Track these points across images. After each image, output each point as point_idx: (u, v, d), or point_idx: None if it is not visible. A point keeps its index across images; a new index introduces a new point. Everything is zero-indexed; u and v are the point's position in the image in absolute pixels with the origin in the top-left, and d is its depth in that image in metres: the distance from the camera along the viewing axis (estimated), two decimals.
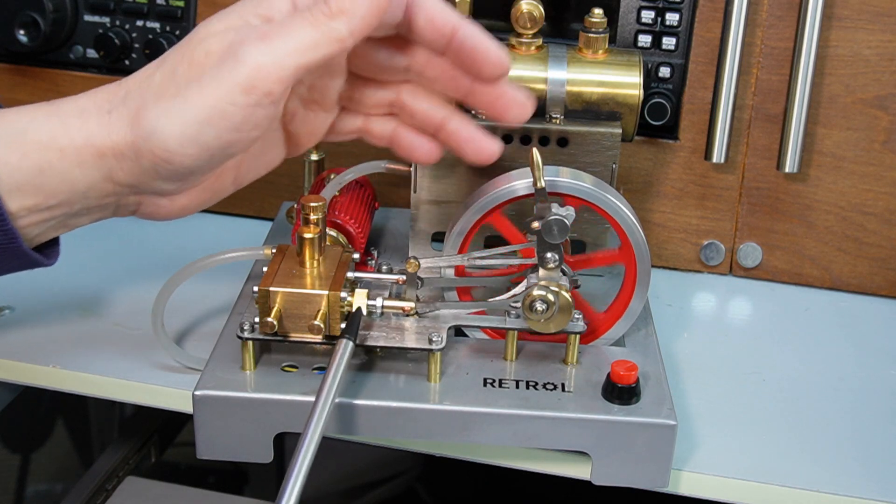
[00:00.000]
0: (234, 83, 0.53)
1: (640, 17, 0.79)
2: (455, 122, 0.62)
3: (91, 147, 0.55)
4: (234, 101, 0.53)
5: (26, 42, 0.84)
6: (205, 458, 0.60)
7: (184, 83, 0.54)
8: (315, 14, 0.54)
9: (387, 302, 0.60)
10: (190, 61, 0.54)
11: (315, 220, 0.61)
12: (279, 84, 0.53)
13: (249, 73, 0.53)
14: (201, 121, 0.53)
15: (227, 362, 0.61)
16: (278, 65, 0.53)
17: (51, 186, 0.56)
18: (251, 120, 0.54)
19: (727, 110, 0.77)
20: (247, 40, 0.53)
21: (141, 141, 0.54)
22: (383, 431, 0.59)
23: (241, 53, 0.53)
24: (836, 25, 0.77)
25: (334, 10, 0.54)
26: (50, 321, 0.72)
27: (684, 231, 0.83)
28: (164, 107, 0.54)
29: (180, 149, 0.54)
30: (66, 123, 0.56)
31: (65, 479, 1.06)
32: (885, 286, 0.82)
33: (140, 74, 0.57)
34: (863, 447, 0.64)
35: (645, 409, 0.58)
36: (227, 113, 0.53)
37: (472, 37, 0.58)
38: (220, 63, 0.53)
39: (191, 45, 0.55)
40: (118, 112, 0.55)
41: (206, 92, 0.53)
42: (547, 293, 0.59)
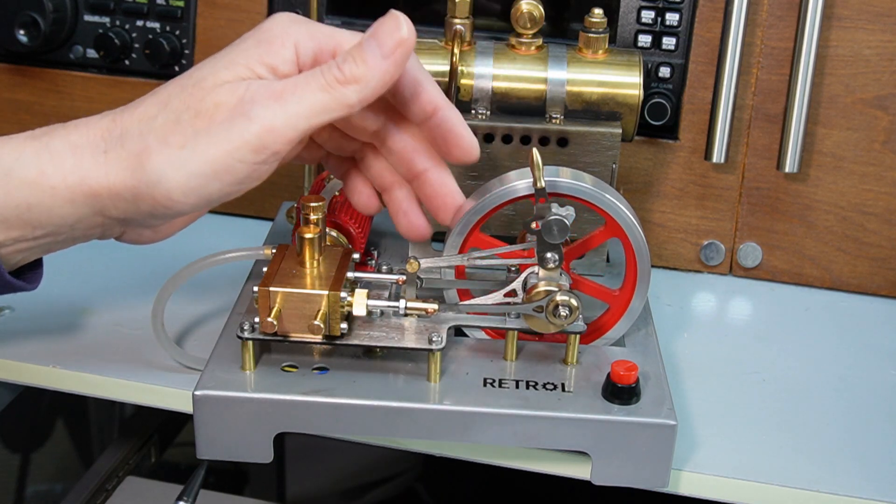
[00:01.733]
0: (244, 142, 0.53)
1: (640, 17, 0.79)
2: (400, 193, 0.63)
3: (85, 186, 0.55)
4: (242, 158, 0.53)
5: (26, 42, 0.84)
6: (205, 458, 0.60)
7: (191, 133, 0.54)
8: (328, 78, 0.54)
9: (410, 304, 0.60)
10: (197, 111, 0.54)
11: (315, 220, 0.61)
12: (287, 144, 0.54)
13: (260, 134, 0.53)
14: (208, 174, 0.53)
15: (227, 362, 0.60)
16: (289, 126, 0.53)
17: (38, 220, 0.56)
18: (255, 175, 0.55)
19: (727, 110, 0.77)
20: (259, 99, 0.53)
21: (143, 187, 0.54)
22: (383, 431, 0.59)
23: (254, 113, 0.53)
24: (836, 25, 0.77)
25: (347, 77, 0.54)
26: (50, 321, 0.72)
27: (684, 231, 0.83)
28: (170, 156, 0.54)
29: (183, 198, 0.54)
30: (56, 161, 0.55)
31: (65, 479, 1.05)
32: (885, 286, 0.82)
33: (137, 113, 0.56)
34: (862, 447, 0.64)
35: (645, 409, 0.58)
36: (233, 169, 0.54)
37: (450, 120, 0.59)
38: (230, 119, 0.53)
39: (197, 93, 0.54)
40: (116, 153, 0.55)
41: (216, 147, 0.53)
42: (570, 298, 0.59)
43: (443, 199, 0.62)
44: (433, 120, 0.59)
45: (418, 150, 0.61)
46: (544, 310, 0.59)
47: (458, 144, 0.60)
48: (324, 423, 0.58)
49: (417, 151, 0.61)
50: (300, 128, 0.54)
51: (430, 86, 0.59)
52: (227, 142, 0.53)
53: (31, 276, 0.61)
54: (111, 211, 0.56)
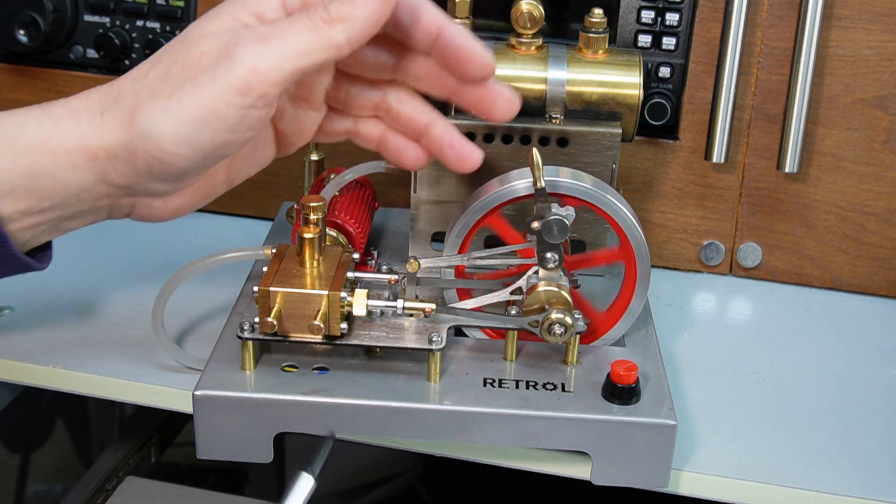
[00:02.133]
0: (229, 84, 0.53)
1: (640, 17, 0.79)
2: (438, 127, 0.62)
3: (83, 148, 0.55)
4: (229, 102, 0.53)
5: (26, 42, 0.84)
6: (205, 458, 0.60)
7: (178, 83, 0.54)
8: (314, 19, 0.54)
9: (408, 304, 0.60)
10: (184, 62, 0.54)
11: (315, 220, 0.61)
12: (274, 87, 0.53)
13: (245, 75, 0.52)
14: (196, 121, 0.53)
15: (227, 362, 0.61)
16: (274, 67, 0.53)
17: (43, 189, 0.56)
18: (245, 121, 0.54)
19: (727, 110, 0.77)
20: (243, 41, 0.53)
21: (136, 141, 0.54)
22: (383, 431, 0.59)
23: (237, 55, 0.53)
24: (836, 25, 0.77)
25: (333, 16, 0.54)
26: (50, 321, 0.72)
27: (684, 231, 0.83)
28: (159, 107, 0.54)
29: (175, 149, 0.54)
30: (57, 125, 0.55)
31: (65, 479, 1.05)
32: (885, 286, 0.82)
33: (132, 74, 0.57)
34: (862, 447, 0.64)
35: (645, 409, 0.58)
36: (221, 114, 0.53)
37: (457, 37, 0.58)
38: (215, 64, 0.53)
39: (185, 46, 0.55)
40: (111, 113, 0.55)
41: (201, 93, 0.53)
42: (565, 316, 0.59)
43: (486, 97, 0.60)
44: (440, 42, 0.58)
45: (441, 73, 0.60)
46: (539, 326, 0.59)
47: (471, 59, 0.58)
48: (324, 423, 0.58)
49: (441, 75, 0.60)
50: (286, 69, 0.53)
51: (428, 8, 0.58)
52: (212, 85, 0.53)
53: (41, 257, 0.60)
54: (112, 175, 0.56)
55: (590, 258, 0.65)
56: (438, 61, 0.59)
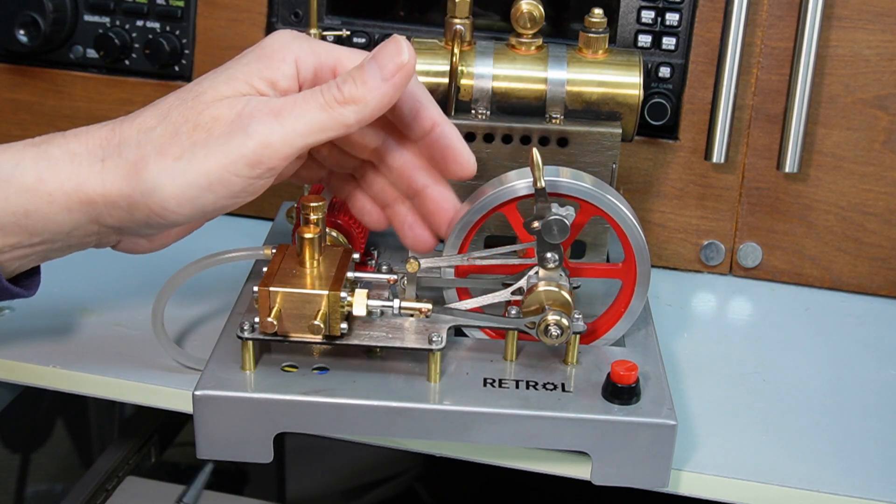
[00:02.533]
0: (241, 156, 0.54)
1: (640, 17, 0.79)
2: (402, 207, 0.64)
3: (81, 193, 0.55)
4: (238, 172, 0.54)
5: (26, 42, 0.84)
6: (205, 458, 0.60)
7: (188, 145, 0.54)
8: (327, 98, 0.55)
9: (405, 303, 0.60)
10: (196, 123, 0.54)
11: (315, 220, 0.61)
12: (283, 161, 0.54)
13: (257, 149, 0.54)
14: (203, 186, 0.54)
15: (227, 362, 0.60)
16: (286, 143, 0.54)
17: (35, 227, 0.56)
18: (250, 189, 0.55)
19: (727, 110, 0.77)
20: (257, 115, 0.54)
21: (138, 195, 0.54)
22: (383, 431, 0.59)
23: (251, 129, 0.54)
24: (836, 25, 0.77)
25: (347, 97, 0.55)
26: (50, 321, 0.72)
27: (684, 231, 0.83)
28: (167, 166, 0.54)
29: (177, 208, 0.55)
30: (54, 168, 0.55)
31: (65, 479, 1.06)
32: (885, 286, 0.82)
33: (136, 123, 0.56)
34: (863, 447, 0.64)
35: (645, 409, 0.58)
36: (228, 182, 0.54)
37: (449, 136, 0.60)
38: (228, 133, 0.54)
39: (197, 106, 0.55)
40: (113, 161, 0.55)
41: (211, 160, 0.54)
42: (561, 318, 0.59)
43: (444, 213, 0.62)
44: (431, 136, 0.60)
45: (418, 166, 0.62)
46: (536, 327, 0.60)
47: (456, 160, 0.61)
48: (324, 423, 0.58)
49: (417, 168, 0.62)
50: (297, 145, 0.54)
51: (428, 103, 0.60)
52: (224, 155, 0.54)
53: (29, 284, 0.61)
54: (106, 219, 0.56)
55: (591, 269, 0.65)
56: (423, 152, 0.62)
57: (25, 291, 0.60)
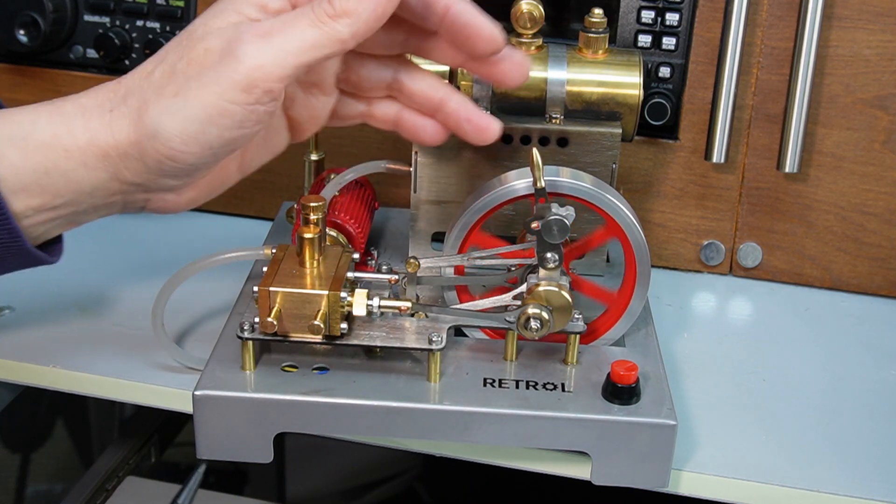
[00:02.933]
0: (233, 82, 0.53)
1: (640, 17, 0.79)
2: (454, 101, 0.62)
3: (95, 147, 0.55)
4: (234, 99, 0.53)
5: (26, 42, 0.84)
6: (205, 458, 0.60)
7: (183, 81, 0.54)
8: (317, 13, 0.53)
9: (383, 301, 0.60)
10: (189, 59, 0.54)
11: (315, 220, 0.61)
12: (279, 82, 0.53)
13: (249, 73, 0.53)
14: (202, 119, 0.53)
15: (227, 362, 0.61)
16: (278, 64, 0.53)
17: (56, 186, 0.56)
18: (252, 117, 0.54)
19: (727, 110, 0.77)
20: (246, 38, 0.53)
21: (145, 139, 0.54)
22: (383, 431, 0.59)
23: (241, 52, 0.53)
24: (836, 25, 0.77)
25: (338, 10, 0.53)
26: (50, 321, 0.72)
27: (684, 231, 0.83)
28: (165, 105, 0.54)
29: (184, 147, 0.54)
30: (68, 123, 0.55)
31: (65, 479, 1.06)
32: (885, 286, 0.82)
33: (139, 71, 0.57)
34: (863, 447, 0.64)
35: (645, 409, 0.58)
36: (227, 111, 0.53)
37: (465, 14, 0.57)
38: (219, 61, 0.53)
39: (189, 42, 0.55)
40: (119, 111, 0.55)
41: (206, 91, 0.53)
42: (542, 311, 0.59)
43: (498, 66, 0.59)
44: (448, 19, 0.58)
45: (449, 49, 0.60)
46: (516, 322, 0.59)
47: (479, 35, 0.58)
48: (324, 423, 0.58)
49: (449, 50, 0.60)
50: (290, 64, 0.53)
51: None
52: (217, 83, 0.53)
53: (52, 251, 0.60)
54: (124, 173, 0.56)
55: (585, 243, 0.65)
56: (447, 38, 0.59)
57: (49, 257, 0.59)
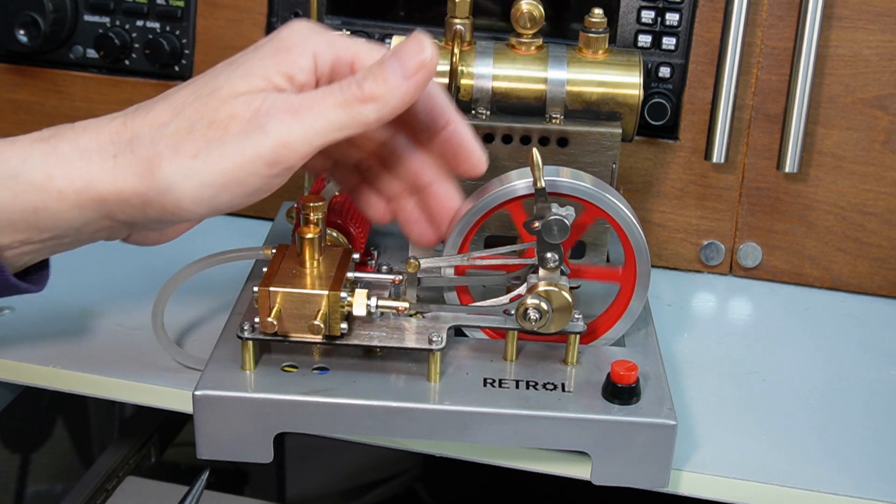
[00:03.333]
0: (258, 155, 0.53)
1: (640, 17, 0.79)
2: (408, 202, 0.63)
3: (92, 191, 0.54)
4: (255, 171, 0.53)
5: (26, 42, 0.84)
6: (205, 458, 0.60)
7: (203, 144, 0.53)
8: (346, 95, 0.54)
9: (381, 302, 0.60)
10: (211, 120, 0.53)
11: (315, 220, 0.61)
12: (302, 159, 0.54)
13: (275, 148, 0.53)
14: (219, 185, 0.53)
15: (227, 362, 0.60)
16: (304, 142, 0.53)
17: (45, 224, 0.55)
18: (266, 188, 0.54)
19: (727, 110, 0.77)
20: (275, 113, 0.53)
21: (153, 194, 0.53)
22: (383, 431, 0.59)
23: (270, 127, 0.53)
24: (836, 25, 0.77)
25: (367, 95, 0.54)
26: (50, 321, 0.72)
27: (684, 231, 0.83)
28: (183, 165, 0.53)
29: (192, 207, 0.54)
30: (64, 165, 0.54)
31: (65, 479, 1.06)
32: (885, 286, 0.82)
33: (149, 118, 0.55)
34: (863, 447, 0.64)
35: (645, 409, 0.58)
36: (245, 181, 0.53)
37: (463, 134, 0.60)
38: (245, 132, 0.53)
39: (212, 103, 0.54)
40: (125, 157, 0.54)
41: (228, 159, 0.53)
42: (540, 301, 0.59)
43: (448, 212, 0.62)
44: (444, 133, 0.60)
45: (426, 162, 0.61)
46: (515, 312, 0.59)
47: (468, 159, 0.60)
48: (324, 423, 0.58)
49: (425, 164, 0.61)
50: (315, 143, 0.53)
51: (444, 101, 0.59)
52: (241, 154, 0.53)
53: (37, 278, 0.60)
54: (118, 215, 0.55)
55: (589, 272, 0.65)
56: (435, 150, 0.61)
57: (34, 287, 0.59)
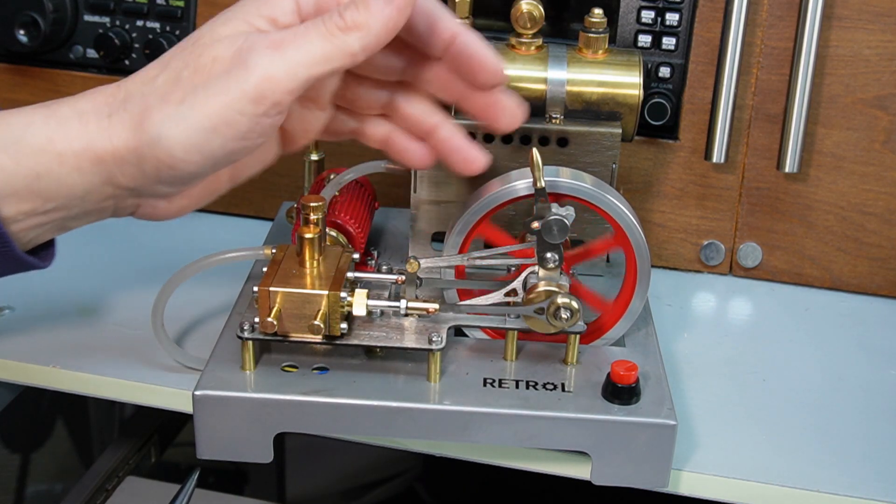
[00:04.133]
0: (242, 92, 0.52)
1: (640, 17, 0.79)
2: (446, 130, 0.62)
3: (90, 152, 0.54)
4: (242, 110, 0.52)
5: (26, 42, 0.84)
6: (205, 458, 0.60)
7: (189, 88, 0.53)
8: (329, 26, 0.53)
9: (411, 304, 0.60)
10: (196, 66, 0.53)
11: (315, 220, 0.61)
12: (289, 94, 0.53)
13: (259, 83, 0.52)
14: (207, 129, 0.53)
15: (227, 362, 0.61)
16: (289, 76, 0.52)
17: (48, 191, 0.55)
18: (257, 129, 0.53)
19: (727, 110, 0.77)
20: (257, 48, 0.52)
21: (145, 146, 0.53)
22: (383, 431, 0.59)
23: (251, 62, 0.52)
24: (836, 25, 0.77)
25: (349, 23, 0.53)
26: (50, 321, 0.72)
27: (684, 231, 0.83)
28: (170, 112, 0.53)
29: (185, 155, 0.53)
30: (63, 127, 0.54)
31: (65, 479, 1.06)
32: (885, 286, 0.82)
33: (140, 76, 0.56)
34: (863, 447, 0.64)
35: (645, 409, 0.58)
36: (233, 122, 0.53)
37: (471, 44, 0.58)
38: (228, 70, 0.52)
39: (196, 49, 0.54)
40: (119, 116, 0.54)
41: (214, 100, 0.52)
42: (571, 300, 0.59)
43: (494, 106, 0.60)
44: (453, 48, 0.58)
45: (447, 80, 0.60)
46: (545, 312, 0.59)
47: (483, 67, 0.58)
48: (324, 423, 0.58)
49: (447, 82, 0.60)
50: (300, 77, 0.52)
51: (443, 14, 0.58)
52: (225, 93, 0.52)
53: (44, 255, 0.60)
54: (119, 178, 0.55)
55: (588, 250, 0.65)
56: (450, 67, 0.59)
57: (40, 262, 0.59)
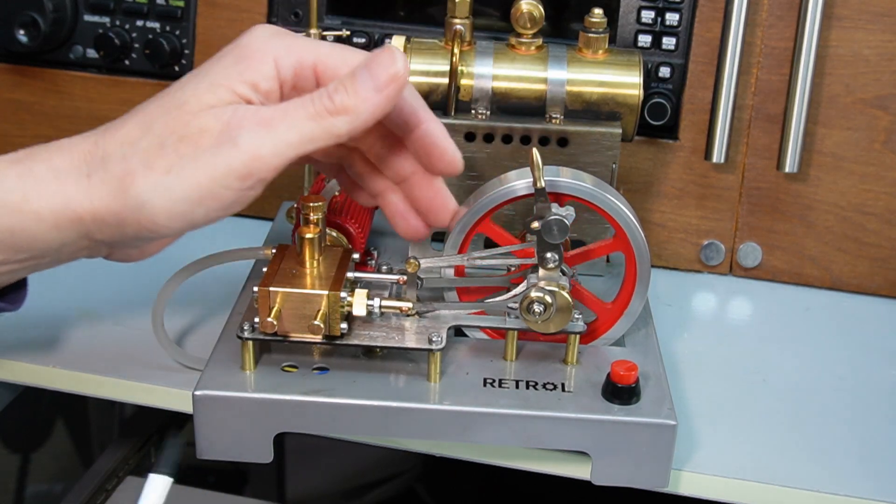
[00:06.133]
0: (231, 169, 0.52)
1: (640, 17, 0.79)
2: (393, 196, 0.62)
3: (69, 211, 0.54)
4: (229, 185, 0.53)
5: (26, 42, 0.84)
6: (205, 458, 0.60)
7: (175, 159, 0.53)
8: (317, 107, 0.53)
9: (385, 302, 0.60)
10: (182, 135, 0.53)
11: (315, 220, 0.61)
12: (273, 171, 0.53)
13: (247, 161, 0.52)
14: (193, 200, 0.53)
15: (227, 362, 0.61)
16: (275, 154, 0.53)
17: (22, 245, 0.55)
18: (240, 201, 0.54)
19: (727, 110, 0.77)
20: (246, 125, 0.53)
21: (128, 211, 0.53)
22: (383, 431, 0.59)
23: (241, 140, 0.52)
24: (836, 25, 0.77)
25: (338, 107, 0.53)
26: (50, 321, 0.72)
27: (684, 231, 0.83)
28: (155, 181, 0.53)
29: (168, 223, 0.53)
30: (39, 186, 0.54)
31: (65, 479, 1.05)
32: (885, 286, 0.82)
33: (119, 135, 0.54)
34: (863, 447, 0.64)
35: (645, 409, 0.58)
36: (219, 195, 0.53)
37: (434, 133, 0.59)
38: (216, 145, 0.52)
39: (182, 117, 0.53)
40: (98, 176, 0.53)
41: (201, 173, 0.52)
42: (544, 295, 0.59)
43: (431, 201, 0.61)
44: (416, 133, 0.59)
45: (405, 158, 0.61)
46: (519, 307, 0.59)
47: (442, 157, 0.59)
48: (324, 423, 0.58)
49: (404, 160, 0.61)
50: (287, 156, 0.53)
51: (415, 101, 0.59)
52: (213, 168, 0.52)
53: (15, 297, 0.60)
54: (96, 234, 0.55)
55: (588, 252, 0.65)
56: (412, 150, 0.60)
57: (10, 306, 0.59)
